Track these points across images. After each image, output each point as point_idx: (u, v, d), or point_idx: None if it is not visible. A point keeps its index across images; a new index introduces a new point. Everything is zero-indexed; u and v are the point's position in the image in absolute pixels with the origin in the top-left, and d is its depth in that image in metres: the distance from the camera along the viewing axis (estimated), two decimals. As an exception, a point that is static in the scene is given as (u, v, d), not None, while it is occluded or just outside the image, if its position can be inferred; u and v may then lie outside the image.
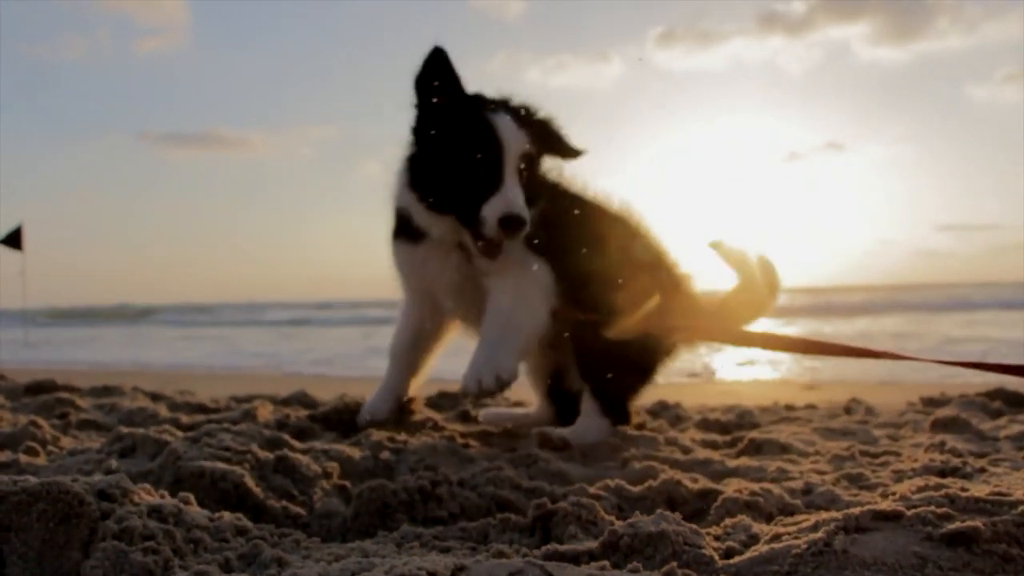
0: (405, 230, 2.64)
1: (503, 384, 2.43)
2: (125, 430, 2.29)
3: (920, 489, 1.65)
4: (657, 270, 2.74)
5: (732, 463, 2.30)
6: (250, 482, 1.87)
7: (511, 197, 2.34)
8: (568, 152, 2.61)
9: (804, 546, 1.29)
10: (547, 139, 2.54)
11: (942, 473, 2.01)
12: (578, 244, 2.58)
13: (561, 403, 2.92)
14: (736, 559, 1.34)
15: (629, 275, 2.58)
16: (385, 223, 2.76)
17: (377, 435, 2.51)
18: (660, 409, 3.51)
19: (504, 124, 2.39)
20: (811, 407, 3.89)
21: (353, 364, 9.35)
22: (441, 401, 3.72)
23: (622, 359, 2.62)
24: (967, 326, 13.75)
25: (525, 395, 3.69)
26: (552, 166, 2.63)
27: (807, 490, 1.93)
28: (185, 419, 2.97)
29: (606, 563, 1.31)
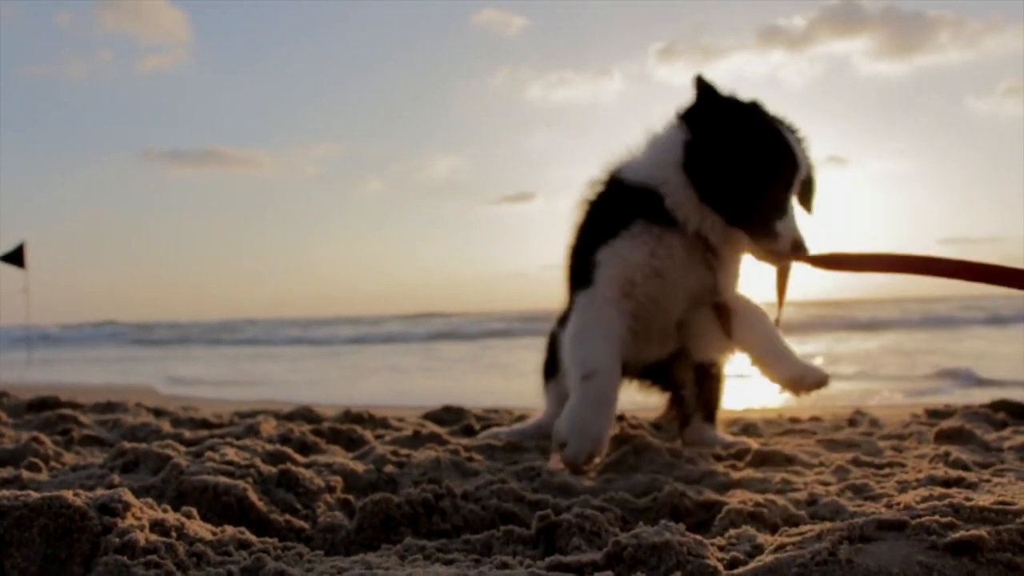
0: (653, 214, 2.44)
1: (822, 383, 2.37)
2: (127, 445, 2.28)
3: (924, 499, 1.64)
4: None
5: (736, 475, 2.29)
6: (253, 496, 1.87)
7: (797, 221, 2.43)
8: (808, 200, 2.57)
9: (808, 556, 1.28)
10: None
11: (946, 484, 2.00)
12: None
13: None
14: (740, 569, 1.33)
15: None
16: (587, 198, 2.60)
17: (381, 449, 2.51)
18: (664, 422, 3.50)
19: (800, 148, 2.45)
20: (815, 419, 3.89)
21: (356, 383, 9.35)
22: (445, 416, 3.72)
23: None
24: (969, 340, 13.71)
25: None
26: None
27: (811, 501, 1.93)
28: (188, 434, 2.97)
29: (610, 573, 1.30)
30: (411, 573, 1.22)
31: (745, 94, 2.48)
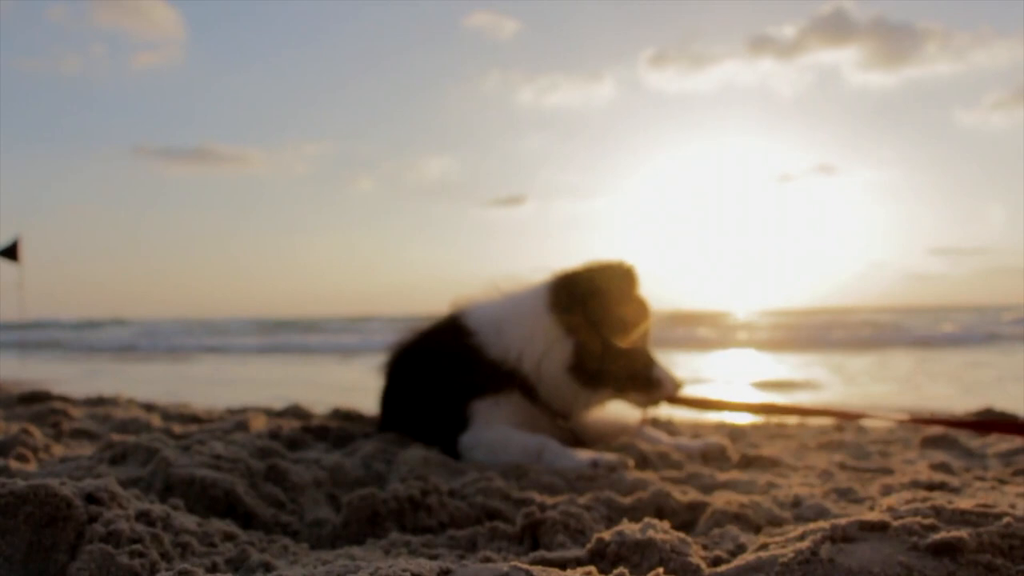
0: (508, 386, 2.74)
1: None
2: (116, 438, 2.29)
3: (907, 502, 1.65)
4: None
5: (722, 477, 2.30)
6: (240, 490, 1.87)
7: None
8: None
9: (791, 555, 1.29)
10: None
11: (929, 487, 2.01)
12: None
13: None
14: (723, 567, 1.34)
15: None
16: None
17: (369, 446, 2.51)
18: (652, 425, 3.51)
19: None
20: (802, 425, 3.90)
21: (346, 384, 9.33)
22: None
23: None
24: (962, 356, 13.76)
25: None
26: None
27: (796, 503, 1.94)
28: (178, 429, 2.97)
29: (592, 569, 1.31)
30: (393, 564, 1.23)
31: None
